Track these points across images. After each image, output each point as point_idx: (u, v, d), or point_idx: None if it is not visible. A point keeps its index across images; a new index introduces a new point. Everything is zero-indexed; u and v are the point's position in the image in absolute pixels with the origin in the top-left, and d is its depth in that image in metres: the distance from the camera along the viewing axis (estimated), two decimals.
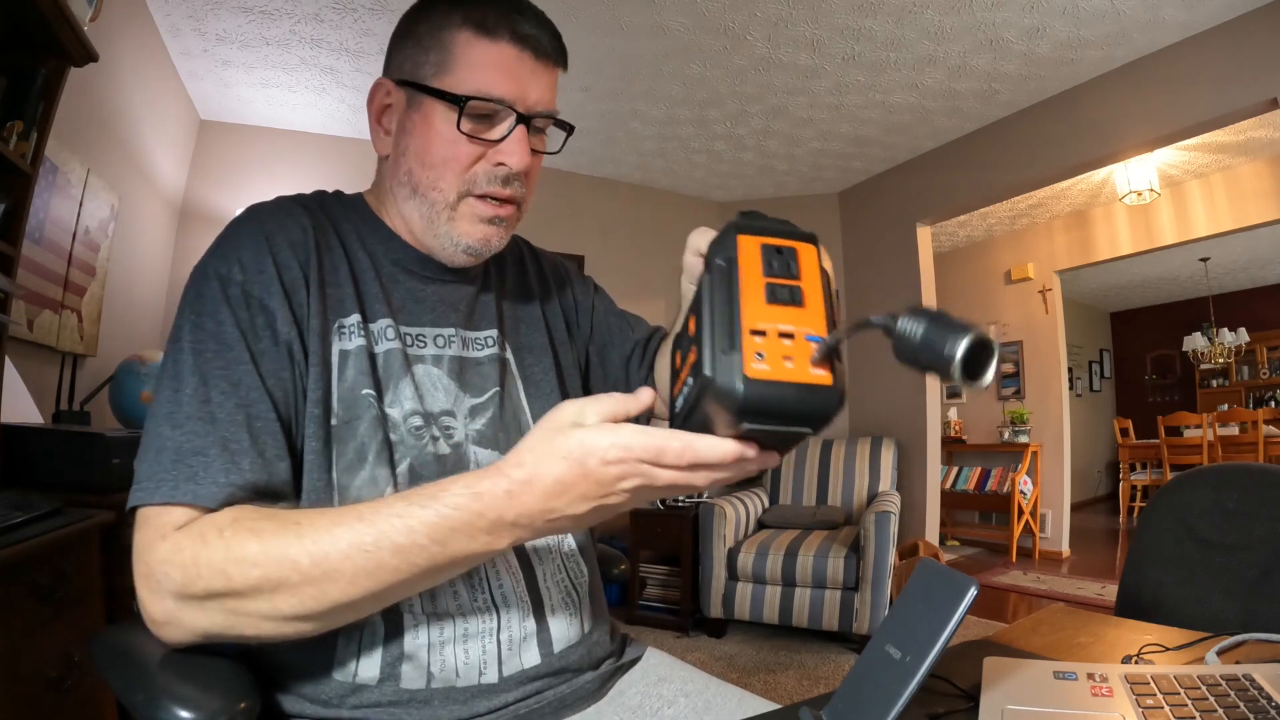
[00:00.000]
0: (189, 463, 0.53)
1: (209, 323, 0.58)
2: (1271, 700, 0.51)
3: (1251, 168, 4.14)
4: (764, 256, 0.42)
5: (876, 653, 0.49)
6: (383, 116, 0.71)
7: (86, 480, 1.41)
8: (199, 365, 0.57)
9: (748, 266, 0.41)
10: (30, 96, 1.40)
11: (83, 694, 1.18)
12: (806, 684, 2.58)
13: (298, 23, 2.58)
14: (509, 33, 0.64)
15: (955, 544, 5.45)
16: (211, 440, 0.54)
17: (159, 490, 0.53)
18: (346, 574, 0.49)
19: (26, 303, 1.76)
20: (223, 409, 0.56)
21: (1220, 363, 6.89)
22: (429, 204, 0.68)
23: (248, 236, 0.63)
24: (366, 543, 0.49)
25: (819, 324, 0.40)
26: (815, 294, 0.41)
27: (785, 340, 0.39)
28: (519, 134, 0.66)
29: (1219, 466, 1.15)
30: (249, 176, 3.27)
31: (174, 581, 0.50)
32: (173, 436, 0.54)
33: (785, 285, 0.41)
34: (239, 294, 0.60)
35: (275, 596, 0.49)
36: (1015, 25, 2.66)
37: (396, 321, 0.69)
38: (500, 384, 0.74)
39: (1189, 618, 0.96)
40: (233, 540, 0.50)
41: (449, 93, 0.64)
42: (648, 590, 3.50)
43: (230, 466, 0.54)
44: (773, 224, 0.44)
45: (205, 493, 0.53)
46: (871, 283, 4.20)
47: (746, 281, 0.40)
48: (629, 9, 2.55)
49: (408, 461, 0.65)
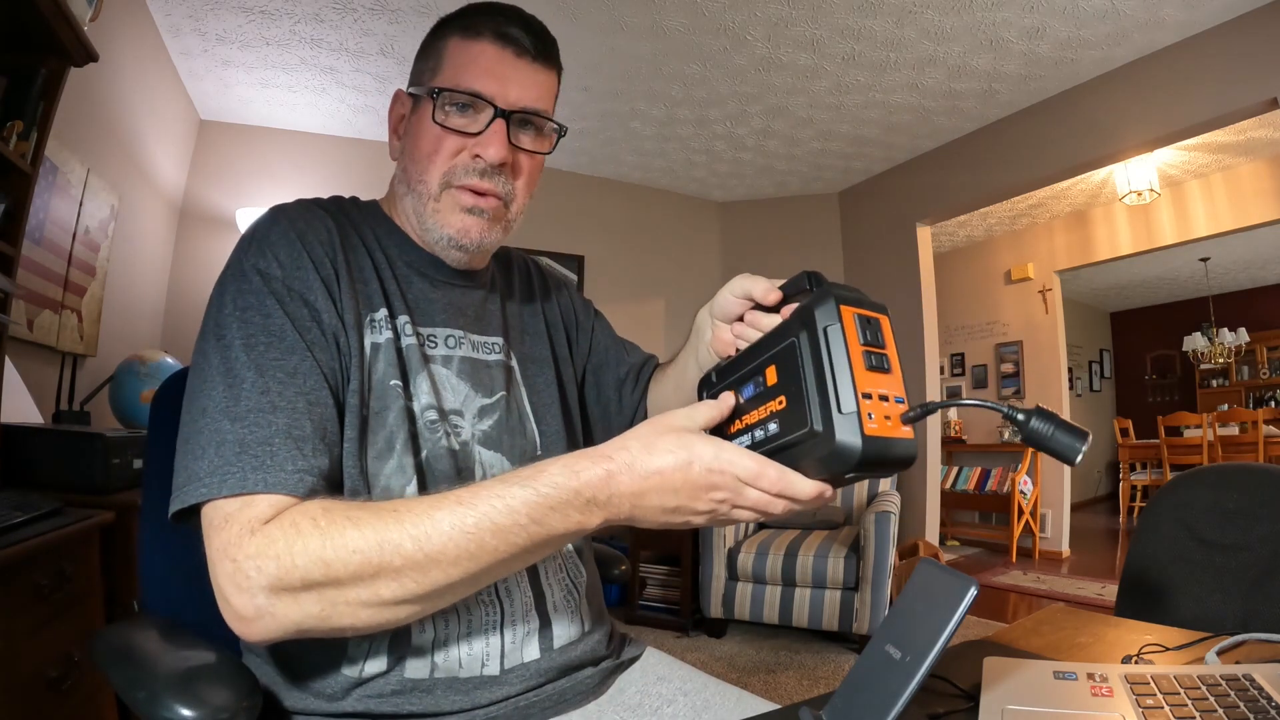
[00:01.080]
0: (254, 452, 0.53)
1: (256, 316, 0.59)
2: (1271, 700, 0.51)
3: (1251, 168, 4.14)
4: (859, 326, 0.49)
5: (876, 653, 0.49)
6: (399, 125, 0.76)
7: (86, 480, 1.41)
8: (254, 358, 0.56)
9: (850, 335, 0.48)
10: (30, 96, 1.41)
11: (83, 694, 1.18)
12: (806, 684, 2.58)
13: (298, 23, 2.58)
14: (491, 33, 0.68)
15: (955, 544, 5.45)
16: (276, 430, 0.54)
17: (226, 483, 0.52)
18: (449, 556, 0.50)
19: (26, 303, 1.76)
20: (283, 398, 0.56)
21: (1220, 363, 6.88)
22: (418, 197, 0.71)
23: (280, 235, 0.64)
24: (469, 524, 0.50)
25: (900, 388, 0.48)
26: (895, 361, 0.49)
27: (883, 402, 0.47)
28: (496, 127, 0.68)
29: (1219, 466, 1.15)
30: (249, 176, 3.27)
31: (267, 575, 0.49)
32: (233, 429, 0.53)
33: (876, 353, 0.48)
34: (282, 288, 0.61)
35: (377, 582, 0.49)
36: (1015, 25, 2.66)
37: (413, 319, 0.71)
38: (506, 389, 0.76)
39: (1189, 618, 0.96)
40: (329, 528, 0.50)
41: (431, 87, 0.68)
42: (648, 590, 3.50)
43: (297, 454, 0.54)
44: (854, 293, 0.51)
45: (275, 480, 0.52)
46: (872, 283, 4.20)
47: (853, 349, 0.47)
48: (629, 9, 2.55)
49: (424, 453, 0.66)
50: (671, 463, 0.50)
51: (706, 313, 0.71)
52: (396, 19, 2.58)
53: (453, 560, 0.50)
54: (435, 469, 0.66)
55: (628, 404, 0.92)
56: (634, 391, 0.91)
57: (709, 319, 0.70)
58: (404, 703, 0.61)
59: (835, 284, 0.52)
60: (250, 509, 0.52)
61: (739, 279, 0.64)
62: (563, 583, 0.72)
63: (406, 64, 2.86)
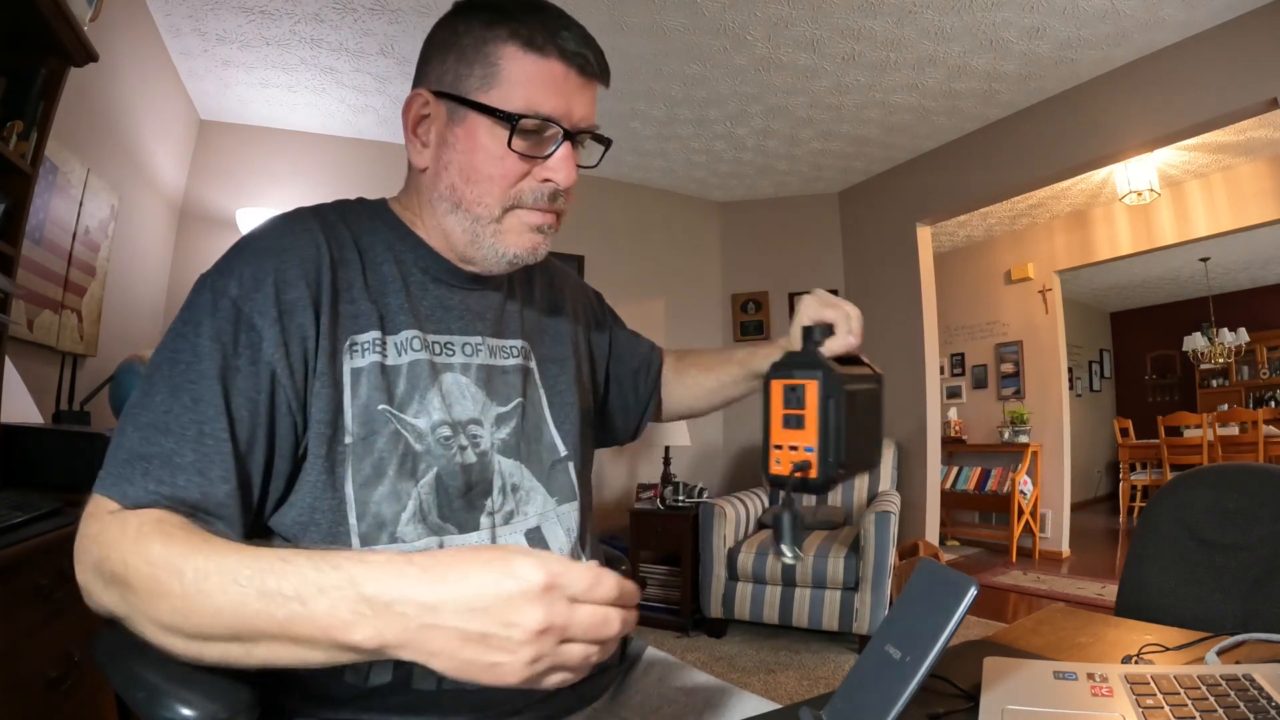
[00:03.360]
0: (134, 465, 0.55)
1: (190, 332, 0.59)
2: (1271, 700, 0.51)
3: (1251, 168, 4.14)
4: (784, 393, 0.62)
5: (876, 653, 0.49)
6: (418, 127, 0.69)
7: (86, 480, 1.38)
8: (171, 374, 0.57)
9: (775, 399, 0.63)
10: (30, 96, 1.40)
11: (83, 694, 1.18)
12: (806, 684, 2.58)
13: (298, 23, 2.58)
14: (557, 50, 0.64)
15: (955, 544, 5.45)
16: (158, 449, 0.55)
17: (102, 482, 0.55)
18: (215, 601, 0.46)
19: (26, 303, 1.76)
20: (178, 421, 0.56)
21: (1220, 363, 6.88)
22: (473, 218, 0.67)
23: (253, 253, 0.62)
24: (242, 575, 0.46)
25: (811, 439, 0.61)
26: (810, 418, 0.61)
27: (792, 451, 0.61)
28: (566, 152, 0.66)
29: (1219, 466, 1.15)
30: (249, 176, 3.27)
31: (91, 556, 0.52)
32: (130, 437, 0.56)
33: (794, 414, 0.62)
34: (229, 308, 0.59)
35: (156, 601, 0.48)
36: (1015, 25, 2.66)
37: (424, 331, 0.68)
38: (524, 394, 0.75)
39: (1189, 618, 0.96)
40: (140, 536, 0.51)
41: (499, 110, 0.63)
42: (648, 590, 3.50)
43: (164, 478, 0.55)
44: (800, 361, 0.64)
45: (132, 494, 0.54)
46: (871, 283, 4.20)
47: (774, 410, 0.63)
48: (629, 9, 2.55)
49: (434, 471, 0.65)
50: (483, 572, 0.42)
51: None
52: (396, 19, 2.58)
53: (217, 608, 0.46)
54: (449, 487, 0.65)
55: (643, 393, 0.93)
56: (646, 381, 0.92)
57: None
58: (411, 715, 0.61)
59: (798, 354, 0.69)
60: (106, 503, 0.55)
61: (813, 303, 0.72)
62: None
63: (406, 64, 2.86)
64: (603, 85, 0.69)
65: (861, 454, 0.64)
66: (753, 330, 4.48)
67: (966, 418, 5.81)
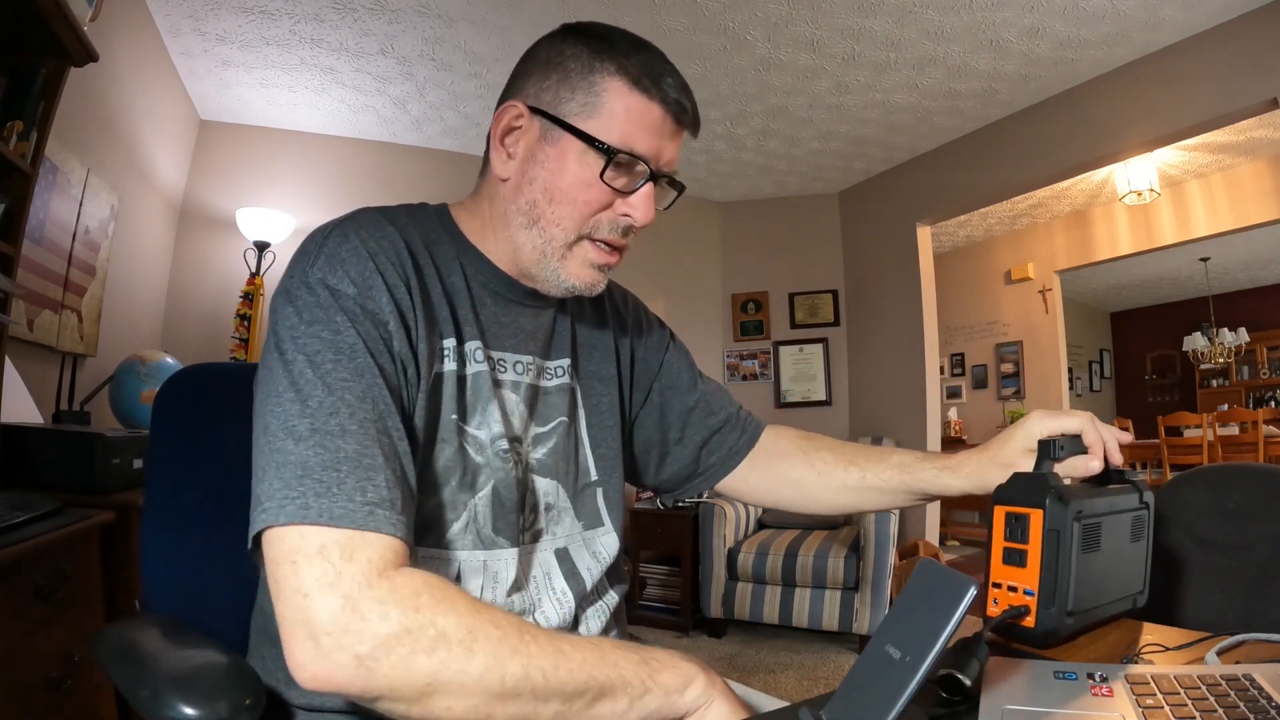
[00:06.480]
0: (317, 476, 0.50)
1: (325, 331, 0.55)
2: (1271, 700, 0.51)
3: (1251, 168, 4.14)
4: (1006, 522, 0.59)
5: (876, 653, 0.49)
6: (506, 137, 0.68)
7: (86, 480, 1.41)
8: (320, 376, 0.54)
9: (997, 530, 0.61)
10: (30, 96, 1.41)
11: (83, 694, 1.18)
12: (806, 684, 2.58)
13: (298, 23, 2.58)
14: (660, 93, 0.65)
15: (955, 544, 5.45)
16: (342, 455, 0.51)
17: (283, 510, 0.49)
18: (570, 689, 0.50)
19: (26, 303, 1.76)
20: (354, 420, 0.53)
21: (1220, 363, 6.89)
22: (547, 238, 0.67)
23: (351, 253, 0.60)
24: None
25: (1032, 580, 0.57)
26: (1034, 555, 0.57)
27: (1011, 592, 0.58)
28: (649, 191, 0.67)
29: (1219, 466, 1.15)
30: (249, 176, 3.27)
31: (392, 623, 0.46)
32: (297, 451, 0.51)
33: (1017, 549, 0.58)
34: (355, 307, 0.57)
35: (507, 660, 0.48)
36: (1015, 25, 2.66)
37: (485, 344, 0.69)
38: (568, 414, 0.75)
39: (1189, 618, 0.96)
40: (447, 590, 0.50)
41: (598, 140, 0.64)
42: (648, 590, 3.50)
43: (368, 484, 0.51)
44: (1033, 484, 0.60)
45: (341, 511, 0.49)
46: (872, 283, 4.20)
47: (995, 543, 0.60)
48: (629, 9, 2.55)
49: (491, 484, 0.65)
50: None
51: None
52: (396, 19, 2.57)
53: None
54: (504, 500, 0.66)
55: (690, 442, 0.88)
56: (726, 437, 0.88)
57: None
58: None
59: (1028, 476, 0.60)
60: (373, 549, 0.49)
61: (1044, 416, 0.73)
62: (601, 616, 0.74)
63: (406, 64, 2.86)
64: (691, 136, 0.70)
65: (1101, 600, 0.55)
66: (753, 330, 4.47)
67: (967, 418, 5.81)
